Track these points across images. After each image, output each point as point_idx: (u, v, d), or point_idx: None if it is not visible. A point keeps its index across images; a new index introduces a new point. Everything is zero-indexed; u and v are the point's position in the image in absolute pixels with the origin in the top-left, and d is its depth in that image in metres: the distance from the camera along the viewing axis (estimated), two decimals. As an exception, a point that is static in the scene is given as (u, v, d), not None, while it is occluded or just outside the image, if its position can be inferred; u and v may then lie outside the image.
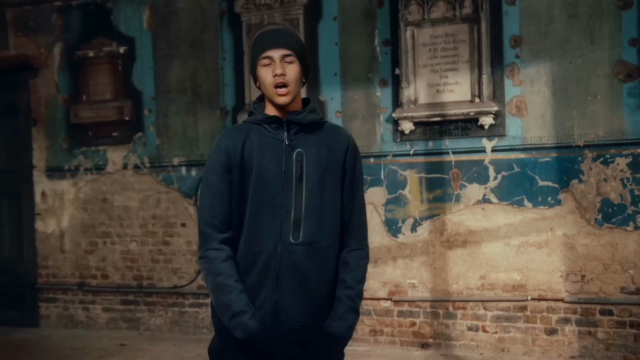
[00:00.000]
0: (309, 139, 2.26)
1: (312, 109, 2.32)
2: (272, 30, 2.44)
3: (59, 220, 6.70)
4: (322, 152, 2.26)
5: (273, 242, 2.21)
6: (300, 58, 2.27)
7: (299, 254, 2.21)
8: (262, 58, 2.25)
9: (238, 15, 5.88)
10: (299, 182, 2.23)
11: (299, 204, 2.22)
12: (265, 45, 2.26)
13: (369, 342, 5.55)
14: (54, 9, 6.68)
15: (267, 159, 2.23)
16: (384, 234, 5.52)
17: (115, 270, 6.49)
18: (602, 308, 4.93)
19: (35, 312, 6.79)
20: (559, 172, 5.04)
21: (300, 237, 2.21)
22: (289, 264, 2.21)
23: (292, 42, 2.27)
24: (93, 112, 6.41)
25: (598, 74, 4.93)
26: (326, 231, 2.25)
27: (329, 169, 2.26)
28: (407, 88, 5.32)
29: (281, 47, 2.24)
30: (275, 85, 2.22)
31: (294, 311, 2.22)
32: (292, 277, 2.21)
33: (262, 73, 2.25)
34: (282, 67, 2.22)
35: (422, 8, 5.28)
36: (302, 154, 2.24)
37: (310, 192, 2.23)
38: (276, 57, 2.23)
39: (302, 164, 2.23)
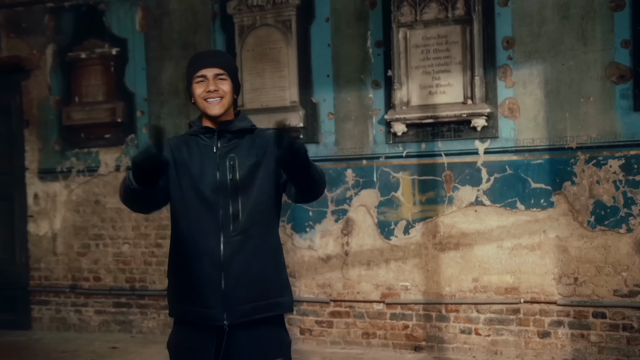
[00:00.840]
0: (241, 143, 2.51)
1: (242, 118, 2.58)
2: (206, 51, 2.82)
3: (52, 222, 6.67)
4: (252, 151, 2.50)
5: (216, 235, 2.44)
6: (231, 76, 2.53)
7: (239, 243, 2.44)
8: (197, 76, 2.49)
9: (230, 17, 5.85)
10: (233, 182, 2.46)
11: (235, 201, 2.46)
12: (200, 65, 2.50)
13: (362, 345, 5.53)
14: (46, 10, 6.65)
15: (205, 164, 2.48)
16: (376, 236, 5.49)
17: (107, 272, 6.46)
18: (595, 311, 4.91)
19: (27, 315, 6.75)
20: (551, 174, 5.01)
21: (239, 228, 2.45)
22: (231, 253, 2.43)
23: (224, 62, 2.54)
24: (85, 114, 6.39)
25: (590, 76, 4.91)
26: (259, 217, 2.48)
27: (260, 163, 2.49)
28: (399, 90, 5.30)
29: (214, 67, 2.49)
30: (206, 99, 2.47)
31: (241, 294, 2.43)
32: (235, 265, 2.43)
33: (196, 89, 2.49)
34: (215, 84, 2.47)
35: (415, 9, 5.26)
36: (234, 158, 2.48)
37: (244, 189, 2.47)
38: (210, 76, 2.48)
39: (234, 166, 2.47)
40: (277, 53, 5.69)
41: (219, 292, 2.42)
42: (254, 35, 5.77)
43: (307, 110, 5.65)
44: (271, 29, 5.72)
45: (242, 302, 2.43)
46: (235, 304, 2.42)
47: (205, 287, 2.43)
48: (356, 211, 5.56)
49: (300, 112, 5.61)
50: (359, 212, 5.55)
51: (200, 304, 2.45)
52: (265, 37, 5.73)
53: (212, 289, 2.43)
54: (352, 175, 5.57)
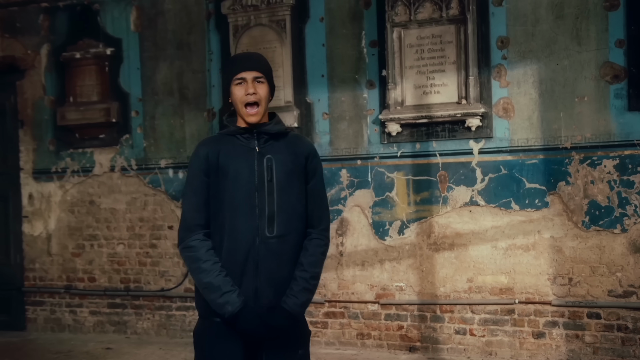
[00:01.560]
0: (277, 146, 2.61)
1: (277, 121, 2.67)
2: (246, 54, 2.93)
3: (46, 222, 6.66)
4: (288, 158, 2.61)
5: (252, 236, 2.52)
6: (268, 79, 2.62)
7: (274, 245, 2.54)
8: (236, 78, 2.57)
9: (225, 17, 5.84)
10: (270, 184, 2.56)
11: (271, 202, 2.55)
12: (240, 67, 2.58)
13: (357, 346, 5.51)
14: (40, 10, 6.63)
15: (242, 165, 2.56)
16: (371, 236, 5.48)
17: (102, 273, 6.44)
18: (589, 311, 4.90)
19: (22, 316, 6.73)
20: (546, 174, 5.00)
21: (275, 231, 2.54)
22: (266, 254, 2.53)
23: (262, 65, 2.62)
24: (80, 114, 6.37)
25: (585, 76, 4.89)
26: (294, 224, 2.59)
27: (294, 171, 2.61)
28: (393, 90, 5.28)
29: (253, 70, 2.57)
30: (245, 105, 2.55)
31: (270, 293, 2.53)
32: (268, 265, 2.53)
33: (235, 91, 2.58)
34: (253, 86, 2.55)
35: (409, 9, 5.25)
36: (271, 160, 2.57)
37: (280, 192, 2.57)
38: (249, 78, 2.56)
39: (272, 168, 2.57)
40: (271, 53, 5.66)
41: (251, 290, 2.52)
42: (248, 35, 5.75)
43: (301, 110, 5.64)
44: (265, 28, 5.71)
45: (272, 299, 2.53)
46: (262, 301, 2.53)
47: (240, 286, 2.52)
48: (351, 211, 5.54)
49: (295, 112, 5.60)
50: (353, 213, 5.53)
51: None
52: (260, 37, 5.72)
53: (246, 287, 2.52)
54: (346, 175, 5.55)
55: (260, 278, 2.53)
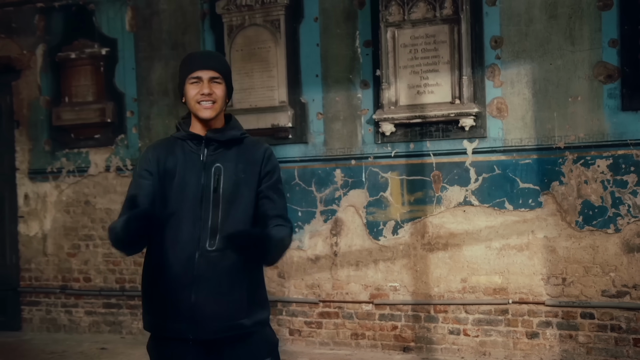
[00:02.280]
0: (228, 154, 2.45)
1: (232, 126, 2.50)
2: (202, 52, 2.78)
3: (42, 223, 6.66)
4: (239, 166, 2.44)
5: (191, 248, 2.37)
6: (226, 80, 2.47)
7: (214, 260, 2.36)
8: (191, 77, 2.43)
9: (219, 17, 5.84)
10: (216, 194, 2.40)
11: (215, 214, 2.39)
12: (196, 66, 2.44)
13: (351, 346, 5.51)
14: (36, 10, 6.64)
15: (188, 173, 2.42)
16: (365, 236, 5.48)
17: (97, 273, 6.45)
18: (583, 311, 4.89)
19: (18, 316, 6.74)
20: (539, 174, 4.99)
21: (216, 245, 2.37)
22: (205, 269, 2.36)
23: (220, 65, 2.48)
24: (75, 114, 6.37)
25: (578, 75, 4.89)
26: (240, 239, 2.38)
27: (245, 182, 2.44)
28: (387, 89, 5.28)
29: (210, 69, 2.43)
30: (199, 101, 2.40)
31: (209, 311, 2.36)
32: (207, 281, 2.36)
33: (189, 90, 2.43)
34: (209, 87, 2.41)
35: (403, 9, 5.24)
36: (219, 169, 2.42)
37: (226, 204, 2.40)
38: (205, 78, 2.42)
39: (219, 178, 2.41)
40: (265, 53, 5.67)
41: (188, 305, 2.35)
42: (242, 35, 5.75)
43: (296, 110, 5.63)
44: (260, 28, 5.71)
45: (210, 319, 2.36)
46: (202, 319, 2.36)
47: (177, 300, 2.36)
48: (345, 211, 5.54)
49: (289, 112, 5.60)
50: (347, 213, 5.53)
51: (170, 317, 2.38)
52: (254, 37, 5.72)
53: (182, 301, 2.36)
54: (340, 175, 5.55)
55: (197, 295, 2.35)
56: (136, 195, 2.41)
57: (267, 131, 5.62)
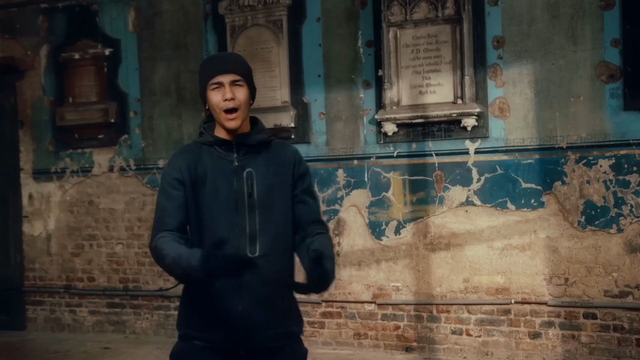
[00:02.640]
0: (258, 157, 2.37)
1: (260, 129, 2.43)
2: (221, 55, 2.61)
3: (46, 222, 6.69)
4: (270, 169, 2.37)
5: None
6: (248, 82, 2.38)
7: (258, 267, 2.26)
8: (212, 83, 2.35)
9: (222, 17, 5.85)
10: (251, 200, 2.33)
11: (252, 220, 2.33)
12: (216, 71, 2.35)
13: (353, 346, 5.51)
14: (39, 11, 6.66)
15: (220, 179, 2.34)
16: (367, 236, 5.48)
17: (101, 273, 6.47)
18: (585, 311, 4.88)
19: (22, 315, 6.77)
20: (541, 174, 4.99)
21: (257, 251, 2.31)
22: (249, 277, 2.28)
23: (240, 67, 2.39)
24: (78, 115, 6.40)
25: (580, 75, 4.88)
26: (280, 242, 2.37)
27: (278, 184, 2.38)
28: (389, 89, 5.28)
29: (230, 73, 2.34)
30: (224, 110, 2.33)
31: (258, 320, 2.31)
32: (253, 289, 2.30)
33: (212, 96, 2.35)
34: (231, 91, 2.32)
35: (405, 9, 5.24)
36: (252, 173, 2.35)
37: (262, 208, 2.34)
38: (226, 82, 2.33)
39: (252, 183, 2.34)
40: (268, 53, 5.68)
41: (233, 316, 2.29)
42: (245, 35, 5.76)
43: (298, 110, 5.64)
44: (262, 29, 5.71)
45: (260, 328, 2.31)
46: (252, 329, 2.31)
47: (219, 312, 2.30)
48: (347, 211, 5.54)
49: (292, 112, 5.61)
50: (350, 212, 5.54)
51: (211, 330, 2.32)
52: (256, 37, 5.73)
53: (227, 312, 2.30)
54: (343, 175, 5.56)
55: (244, 304, 2.29)
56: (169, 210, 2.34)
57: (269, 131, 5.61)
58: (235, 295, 2.29)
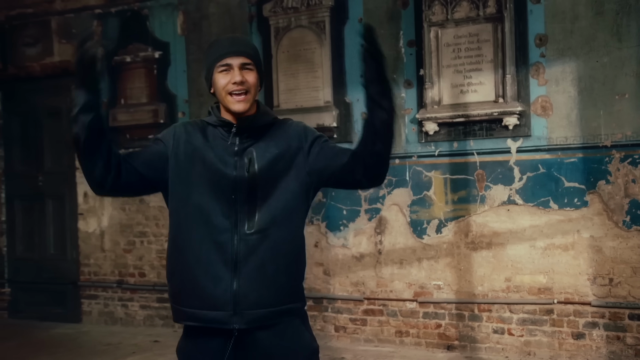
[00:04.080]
0: (261, 137, 2.29)
1: (264, 111, 2.34)
2: (229, 37, 2.45)
3: (100, 220, 6.95)
4: (271, 144, 2.28)
5: (229, 232, 2.22)
6: (257, 66, 2.29)
7: (254, 242, 2.21)
8: (220, 65, 2.24)
9: (266, 19, 5.97)
10: (251, 177, 2.24)
11: (252, 196, 2.24)
12: (224, 53, 2.24)
13: (395, 343, 5.56)
14: (94, 16, 6.92)
15: (221, 158, 2.25)
16: (408, 235, 5.51)
17: (151, 268, 6.68)
18: (631, 312, 4.81)
19: (78, 309, 7.05)
20: (585, 173, 4.93)
21: (254, 227, 2.22)
22: (245, 253, 2.21)
23: (250, 50, 2.29)
24: (130, 116, 6.62)
25: (625, 72, 4.80)
26: (279, 218, 2.25)
27: (280, 157, 2.28)
28: (430, 89, 5.30)
29: (240, 55, 2.24)
30: (231, 93, 2.23)
31: (253, 298, 2.21)
32: (249, 266, 2.21)
33: (219, 79, 2.25)
34: (241, 74, 2.22)
35: (446, 8, 5.25)
36: (252, 152, 2.26)
37: (263, 184, 2.25)
38: (235, 65, 2.23)
39: (252, 160, 2.25)
40: (310, 54, 5.77)
41: (229, 293, 2.19)
42: (288, 36, 5.87)
43: (340, 110, 5.71)
44: (305, 30, 5.81)
45: (255, 307, 2.22)
46: (246, 307, 2.21)
47: (215, 288, 2.20)
48: (389, 210, 5.59)
49: (334, 112, 5.68)
50: (391, 211, 5.58)
51: (208, 306, 2.21)
52: (300, 39, 5.82)
53: (223, 289, 2.20)
54: (384, 174, 5.59)
55: (239, 281, 2.20)
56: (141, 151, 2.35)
57: (312, 131, 5.72)
58: (230, 272, 2.21)
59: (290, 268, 2.29)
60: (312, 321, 5.78)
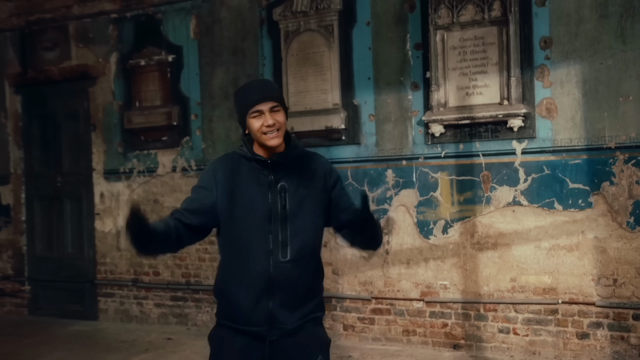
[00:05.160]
0: (291, 172, 2.63)
1: (294, 145, 2.67)
2: (257, 84, 2.74)
3: (115, 220, 7.11)
4: (302, 182, 2.62)
5: (266, 260, 2.57)
6: (283, 105, 2.61)
7: (287, 269, 2.58)
8: (253, 111, 2.56)
9: (276, 23, 6.07)
10: (284, 210, 2.59)
11: (284, 228, 2.58)
12: (255, 100, 2.57)
13: (402, 342, 5.63)
14: (110, 20, 7.08)
15: (255, 191, 2.59)
16: (415, 235, 5.59)
17: (165, 268, 6.83)
18: (635, 313, 4.84)
19: (95, 306, 7.22)
20: (589, 174, 4.97)
21: (288, 256, 2.58)
22: (280, 278, 2.57)
23: (276, 94, 2.62)
24: (144, 118, 6.77)
25: (630, 74, 4.83)
26: (309, 248, 2.64)
27: (309, 195, 2.62)
28: (436, 91, 5.36)
29: (269, 100, 2.56)
30: (265, 133, 2.56)
31: (285, 316, 2.60)
32: (283, 289, 2.58)
33: (253, 124, 2.57)
34: (272, 117, 2.55)
35: (452, 12, 5.31)
36: (285, 187, 2.60)
37: (293, 218, 2.59)
38: (265, 110, 2.55)
39: (285, 195, 2.59)
40: (319, 57, 5.87)
41: (266, 312, 2.57)
42: (298, 40, 5.96)
43: (348, 112, 5.80)
44: (314, 33, 5.90)
45: (285, 322, 2.59)
46: (278, 323, 2.58)
47: (254, 307, 2.57)
48: (396, 211, 5.66)
49: (342, 114, 5.77)
50: (398, 212, 5.66)
51: (248, 324, 2.59)
52: (309, 42, 5.92)
53: (261, 309, 2.57)
54: (392, 175, 5.68)
55: (274, 300, 2.57)
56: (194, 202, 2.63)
57: (320, 133, 5.83)
58: (266, 294, 2.57)
59: (315, 289, 2.71)
60: (320, 320, 5.90)
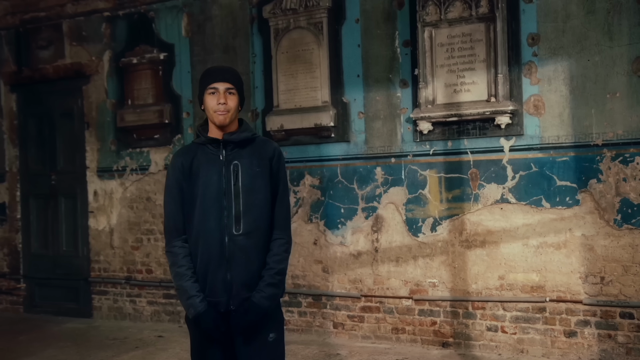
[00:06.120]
0: (243, 152, 2.90)
1: (244, 128, 2.93)
2: (219, 67, 3.06)
3: (109, 217, 7.13)
4: (253, 162, 2.89)
5: (221, 234, 2.84)
6: (239, 91, 2.89)
7: (241, 242, 2.85)
8: (209, 88, 2.86)
9: (266, 21, 6.07)
10: (236, 187, 2.87)
11: (237, 204, 2.86)
12: (214, 79, 2.87)
13: (391, 340, 5.63)
14: (103, 19, 7.10)
15: (211, 171, 2.88)
16: (404, 233, 5.58)
17: (158, 265, 6.85)
18: (622, 311, 4.81)
19: (89, 304, 7.25)
20: (577, 171, 4.94)
21: (241, 229, 2.85)
22: (235, 250, 2.84)
23: (234, 78, 2.89)
24: (137, 116, 6.78)
25: (617, 71, 4.80)
26: (260, 222, 2.89)
27: (260, 174, 2.90)
28: (425, 88, 5.35)
29: (226, 82, 2.85)
30: (215, 110, 2.84)
31: (241, 284, 2.85)
32: (238, 260, 2.85)
33: (208, 100, 2.87)
34: (224, 97, 2.83)
35: (439, 8, 5.29)
36: (237, 165, 2.87)
37: (246, 194, 2.87)
38: (221, 89, 2.84)
39: (238, 173, 2.87)
40: (309, 54, 5.86)
41: (224, 282, 2.83)
42: (288, 37, 5.96)
43: (338, 110, 5.79)
44: (304, 31, 5.90)
45: (242, 290, 2.85)
46: (236, 291, 2.84)
47: (214, 279, 2.84)
48: (385, 208, 5.66)
49: (332, 112, 5.76)
50: (388, 210, 5.65)
51: (210, 294, 2.84)
52: (299, 39, 5.91)
53: (219, 280, 2.83)
54: (381, 173, 5.67)
55: (231, 272, 2.84)
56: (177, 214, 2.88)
57: (310, 130, 5.83)
58: (224, 266, 2.83)
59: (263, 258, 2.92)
60: (311, 318, 5.90)
